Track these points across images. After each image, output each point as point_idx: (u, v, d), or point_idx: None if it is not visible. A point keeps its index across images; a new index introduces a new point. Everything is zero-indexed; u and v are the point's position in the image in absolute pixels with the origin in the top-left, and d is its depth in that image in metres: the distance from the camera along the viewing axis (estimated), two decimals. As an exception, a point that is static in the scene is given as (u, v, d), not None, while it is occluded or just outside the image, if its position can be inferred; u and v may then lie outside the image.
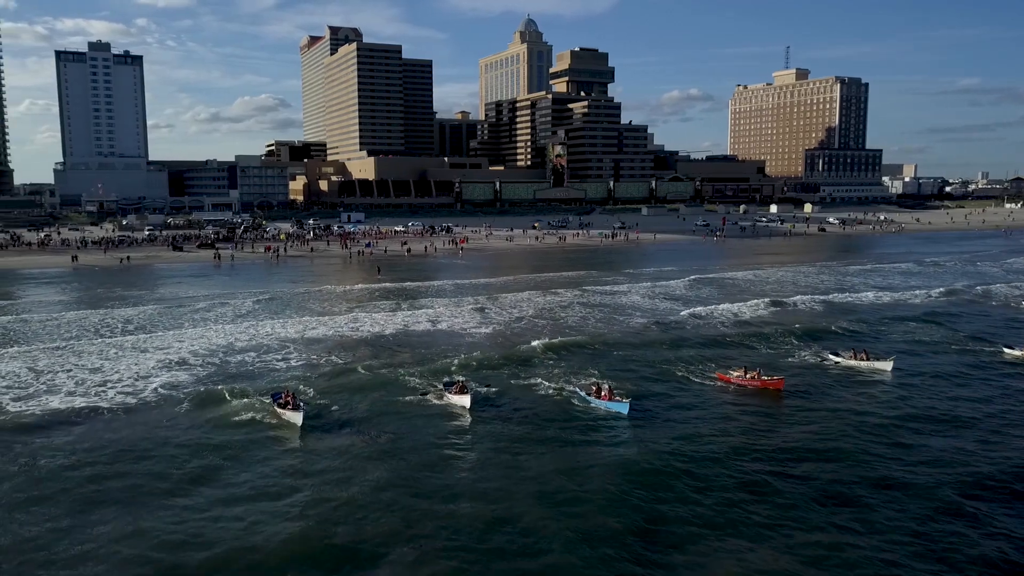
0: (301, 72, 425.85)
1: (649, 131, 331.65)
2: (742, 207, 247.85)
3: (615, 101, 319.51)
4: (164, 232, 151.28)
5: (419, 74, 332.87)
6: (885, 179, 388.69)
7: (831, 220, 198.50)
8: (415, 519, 26.59)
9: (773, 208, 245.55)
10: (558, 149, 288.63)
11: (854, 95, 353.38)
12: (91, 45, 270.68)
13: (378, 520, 26.47)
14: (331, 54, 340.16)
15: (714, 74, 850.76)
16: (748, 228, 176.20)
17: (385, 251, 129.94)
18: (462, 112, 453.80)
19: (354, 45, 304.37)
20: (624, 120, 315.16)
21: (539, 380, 44.39)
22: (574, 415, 38.32)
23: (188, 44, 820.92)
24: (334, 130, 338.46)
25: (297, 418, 35.14)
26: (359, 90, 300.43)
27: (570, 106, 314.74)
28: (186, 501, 28.13)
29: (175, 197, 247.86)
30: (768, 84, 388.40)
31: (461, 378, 42.11)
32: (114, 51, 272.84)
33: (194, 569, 23.38)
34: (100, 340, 56.22)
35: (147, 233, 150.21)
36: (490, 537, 25.40)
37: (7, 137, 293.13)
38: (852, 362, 48.74)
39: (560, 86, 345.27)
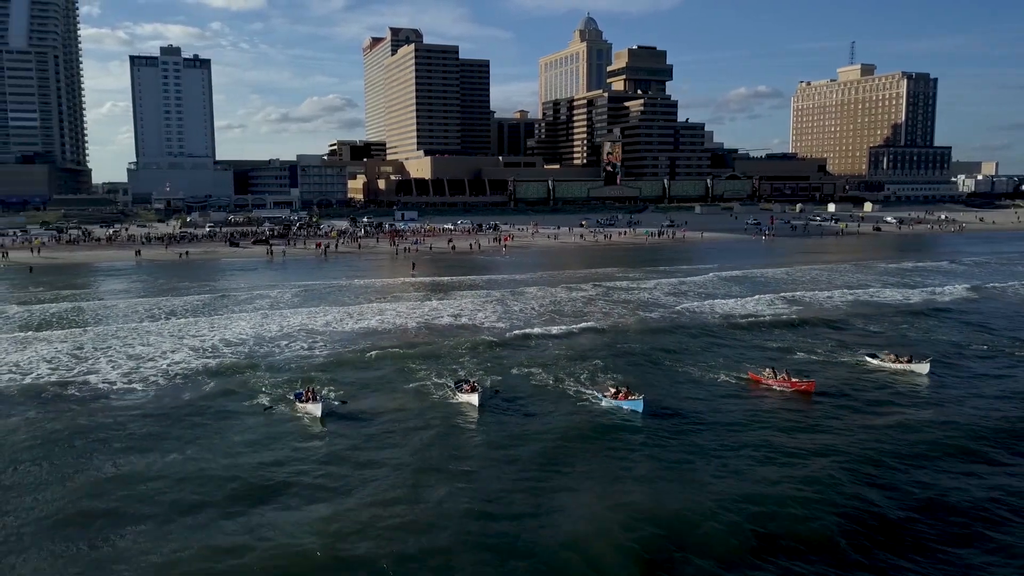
0: (364, 73, 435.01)
1: (710, 128, 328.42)
2: (798, 206, 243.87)
3: (672, 99, 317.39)
4: (223, 229, 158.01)
5: (476, 74, 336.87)
6: (959, 177, 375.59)
7: (888, 219, 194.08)
8: (423, 510, 27.45)
9: (831, 207, 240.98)
10: (613, 147, 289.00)
11: (922, 91, 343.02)
12: (163, 50, 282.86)
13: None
14: (392, 55, 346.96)
15: (783, 70, 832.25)
16: (799, 227, 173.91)
17: (430, 248, 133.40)
18: (520, 111, 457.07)
19: (412, 46, 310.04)
20: (684, 118, 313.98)
21: (550, 377, 44.77)
22: (581, 414, 38.15)
23: (260, 46, 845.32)
24: (393, 130, 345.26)
25: (316, 409, 36.61)
26: (416, 90, 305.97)
27: (626, 104, 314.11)
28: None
29: (239, 195, 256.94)
30: (832, 80, 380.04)
31: (472, 378, 42.47)
32: (184, 55, 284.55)
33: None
34: (144, 325, 60.58)
35: (207, 230, 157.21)
36: (478, 531, 25.96)
37: (86, 138, 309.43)
38: (889, 364, 47.51)
39: (617, 84, 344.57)
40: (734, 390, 43.12)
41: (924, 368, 46.15)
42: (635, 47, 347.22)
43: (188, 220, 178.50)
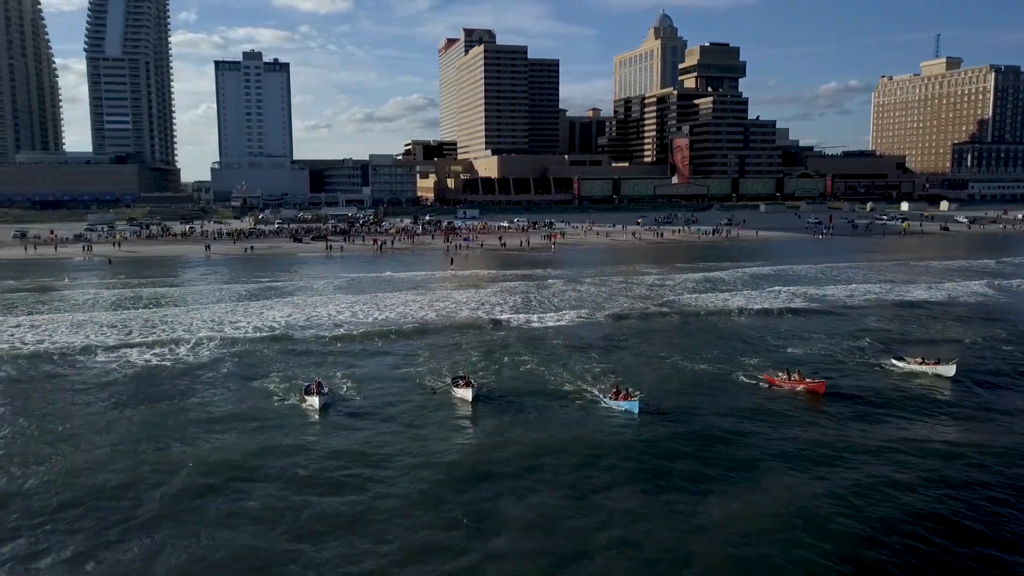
0: (439, 73, 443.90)
1: (798, 125, 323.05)
2: (868, 204, 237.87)
3: (743, 96, 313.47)
4: (291, 225, 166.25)
5: (545, 73, 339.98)
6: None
7: (959, 219, 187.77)
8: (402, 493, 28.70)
9: (904, 206, 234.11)
10: (681, 145, 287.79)
11: (1011, 84, 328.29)
12: (245, 54, 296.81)
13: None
14: (464, 56, 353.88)
15: (870, 64, 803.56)
16: (860, 226, 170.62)
17: (481, 245, 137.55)
18: (593, 109, 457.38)
19: (482, 47, 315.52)
20: (763, 115, 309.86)
21: (551, 372, 45.54)
22: (574, 413, 38.39)
23: (347, 48, 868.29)
24: (464, 129, 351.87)
25: (315, 401, 38.36)
26: (485, 91, 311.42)
27: (696, 102, 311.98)
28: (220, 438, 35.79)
29: (314, 193, 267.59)
30: (915, 75, 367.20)
31: (468, 374, 43.22)
32: (265, 59, 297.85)
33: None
34: (184, 309, 66.54)
35: (276, 226, 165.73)
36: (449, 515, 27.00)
37: (175, 139, 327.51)
38: (914, 367, 45.61)
39: (689, 82, 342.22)
40: (743, 391, 42.38)
41: (950, 371, 44.13)
42: (707, 44, 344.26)
43: (261, 217, 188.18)
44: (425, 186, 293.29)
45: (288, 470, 31.00)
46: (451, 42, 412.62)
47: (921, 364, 45.68)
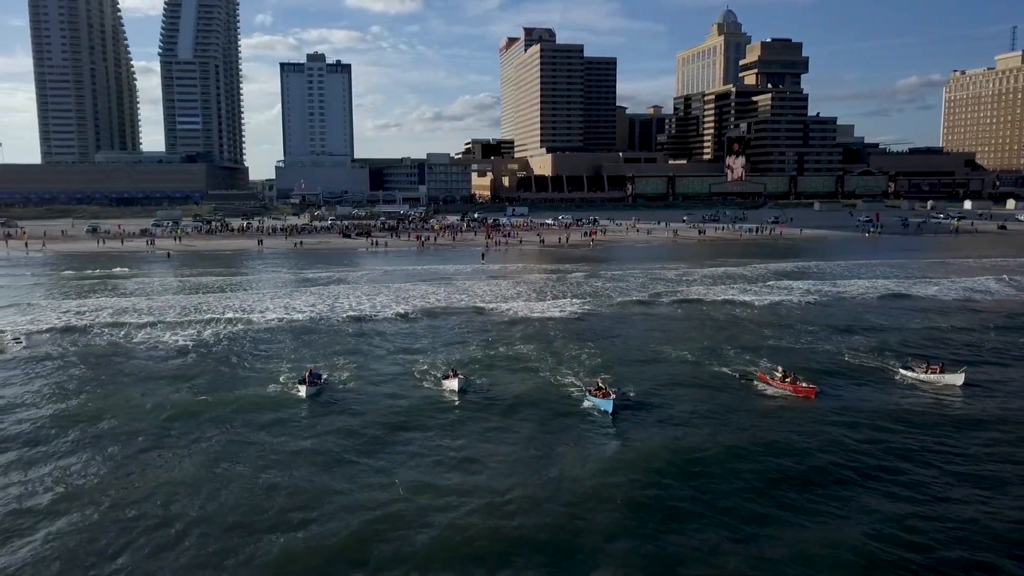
0: (501, 72, 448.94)
1: (862, 122, 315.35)
2: (928, 203, 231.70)
3: (803, 93, 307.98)
4: (343, 222, 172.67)
5: (602, 72, 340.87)
6: None
7: (1021, 217, 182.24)
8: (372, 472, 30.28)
9: (967, 204, 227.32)
10: (737, 143, 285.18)
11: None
12: (309, 56, 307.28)
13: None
14: (523, 55, 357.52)
15: (955, 57, 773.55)
16: (912, 225, 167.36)
17: (520, 242, 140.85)
18: (654, 107, 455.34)
19: (538, 46, 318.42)
20: (818, 111, 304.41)
21: (542, 365, 46.68)
22: (552, 408, 38.58)
23: (418, 47, 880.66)
24: (521, 128, 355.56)
25: (302, 390, 40.13)
26: (541, 89, 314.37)
27: (754, 99, 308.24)
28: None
29: (373, 191, 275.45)
30: (989, 69, 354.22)
31: (457, 367, 44.35)
32: (328, 61, 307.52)
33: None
34: (220, 296, 71.86)
35: (328, 223, 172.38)
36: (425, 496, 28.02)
37: (243, 139, 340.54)
38: (920, 375, 43.30)
39: (749, 78, 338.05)
40: (730, 389, 42.21)
41: (958, 379, 41.74)
42: (768, 40, 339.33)
43: (316, 214, 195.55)
44: (481, 184, 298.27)
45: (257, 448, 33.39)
46: (512, 41, 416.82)
47: (927, 372, 43.31)
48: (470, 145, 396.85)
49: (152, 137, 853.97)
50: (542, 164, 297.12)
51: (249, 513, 26.79)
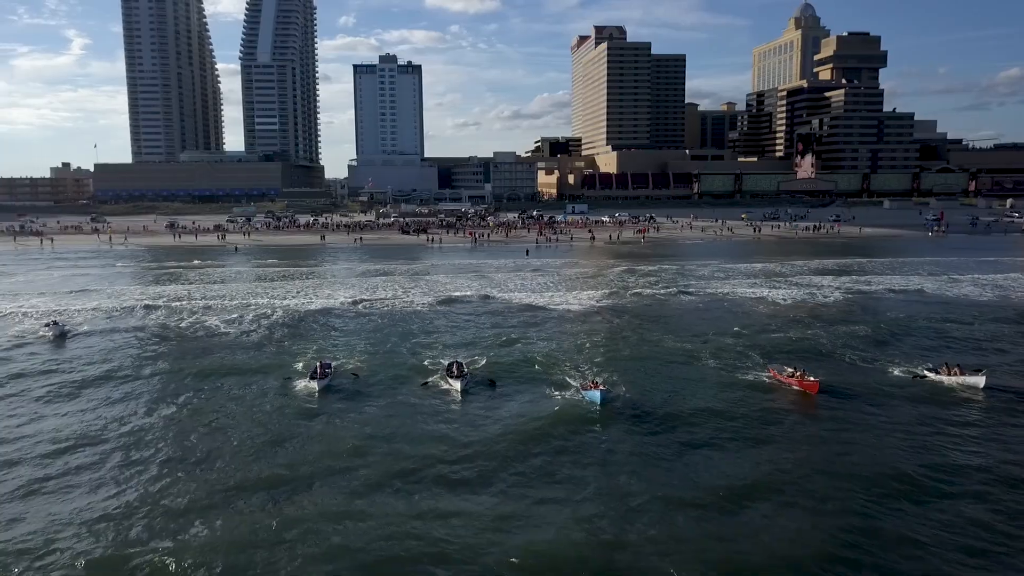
0: (572, 71, 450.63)
1: (955, 116, 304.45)
2: (1008, 201, 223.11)
3: (879, 88, 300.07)
4: (405, 219, 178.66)
5: (671, 69, 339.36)
6: None
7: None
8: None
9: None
10: (808, 140, 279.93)
11: None
12: (381, 58, 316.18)
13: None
14: (592, 53, 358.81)
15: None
16: (981, 224, 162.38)
17: (571, 239, 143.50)
18: (728, 103, 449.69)
19: (605, 44, 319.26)
20: (894, 107, 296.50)
21: (549, 360, 46.64)
22: (549, 404, 38.33)
23: (497, 46, 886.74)
24: (588, 126, 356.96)
25: (314, 385, 40.69)
26: (608, 87, 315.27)
27: (827, 95, 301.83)
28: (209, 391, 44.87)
29: (440, 189, 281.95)
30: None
31: (459, 363, 43.88)
32: (399, 62, 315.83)
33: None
34: (266, 285, 77.32)
35: (391, 220, 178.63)
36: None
37: (319, 139, 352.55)
38: (943, 377, 41.18)
39: (824, 73, 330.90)
40: (732, 385, 41.53)
41: (979, 382, 39.46)
42: (845, 34, 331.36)
43: (381, 211, 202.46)
44: (548, 182, 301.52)
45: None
46: (583, 39, 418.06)
47: (948, 374, 41.23)
48: (539, 143, 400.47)
49: (234, 137, 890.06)
50: (607, 161, 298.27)
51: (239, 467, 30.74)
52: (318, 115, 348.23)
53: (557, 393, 39.90)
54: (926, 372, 42.78)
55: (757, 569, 22.93)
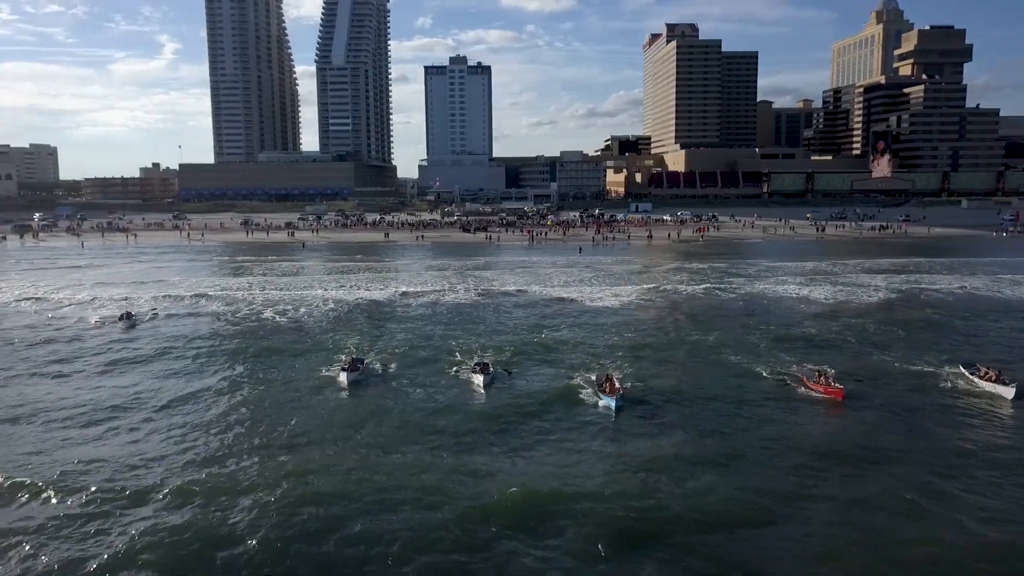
0: (644, 69, 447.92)
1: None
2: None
3: (961, 84, 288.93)
4: (467, 218, 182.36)
5: (742, 66, 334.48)
6: None
7: None
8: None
9: None
10: (884, 137, 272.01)
11: None
12: (451, 59, 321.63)
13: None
14: (662, 51, 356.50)
15: None
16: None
17: (628, 237, 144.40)
18: (804, 100, 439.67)
19: (674, 43, 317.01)
20: (978, 103, 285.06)
21: (577, 359, 46.63)
22: (566, 404, 38.08)
23: (573, 44, 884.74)
24: (658, 125, 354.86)
25: (343, 378, 41.97)
26: (677, 86, 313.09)
27: (906, 91, 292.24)
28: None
29: (508, 188, 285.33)
30: None
31: (488, 360, 44.79)
32: (469, 63, 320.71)
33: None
34: (324, 278, 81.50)
35: (454, 219, 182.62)
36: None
37: (391, 139, 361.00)
38: (977, 380, 39.66)
39: (905, 69, 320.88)
40: (753, 388, 40.76)
41: (1008, 392, 37.54)
42: (927, 28, 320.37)
43: (446, 210, 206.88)
44: (616, 181, 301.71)
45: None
46: (654, 38, 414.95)
47: (982, 378, 39.48)
48: (609, 141, 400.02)
49: (312, 137, 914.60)
50: (676, 160, 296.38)
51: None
52: (391, 116, 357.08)
53: (574, 393, 39.70)
54: (962, 373, 41.10)
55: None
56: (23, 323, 61.54)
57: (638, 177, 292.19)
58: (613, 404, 36.31)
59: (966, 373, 41.07)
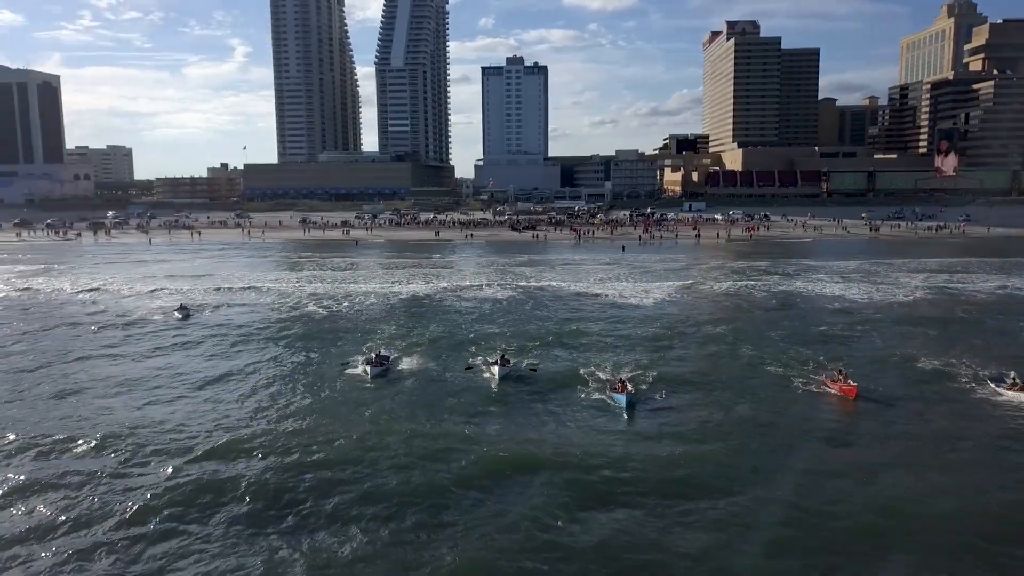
0: (703, 67, 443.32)
1: None
2: None
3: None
4: (517, 217, 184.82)
5: (803, 64, 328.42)
6: None
7: None
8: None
9: None
10: (950, 135, 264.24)
11: None
12: (508, 60, 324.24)
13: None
14: (721, 49, 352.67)
15: None
16: None
17: (676, 236, 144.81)
18: (870, 97, 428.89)
19: (732, 41, 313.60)
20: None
21: (597, 357, 46.81)
22: (578, 402, 38.37)
23: (636, 42, 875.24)
24: (715, 123, 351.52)
25: (367, 372, 43.49)
26: (734, 84, 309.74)
27: (975, 87, 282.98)
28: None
29: (562, 188, 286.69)
30: None
31: (506, 355, 44.99)
32: (526, 64, 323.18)
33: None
34: (366, 274, 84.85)
35: (505, 218, 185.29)
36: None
37: (449, 139, 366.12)
38: (1002, 390, 37.99)
39: (975, 64, 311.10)
40: (766, 386, 40.69)
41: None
42: (999, 21, 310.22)
43: (498, 209, 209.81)
44: (673, 179, 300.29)
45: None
46: (714, 35, 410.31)
47: (1011, 388, 37.77)
48: (667, 140, 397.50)
49: (373, 138, 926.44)
50: (733, 159, 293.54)
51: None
52: (449, 116, 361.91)
53: (588, 390, 40.23)
54: (993, 381, 39.47)
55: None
56: (88, 311, 66.57)
57: (694, 176, 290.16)
58: (624, 400, 36.91)
59: (994, 384, 39.21)
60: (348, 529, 25.12)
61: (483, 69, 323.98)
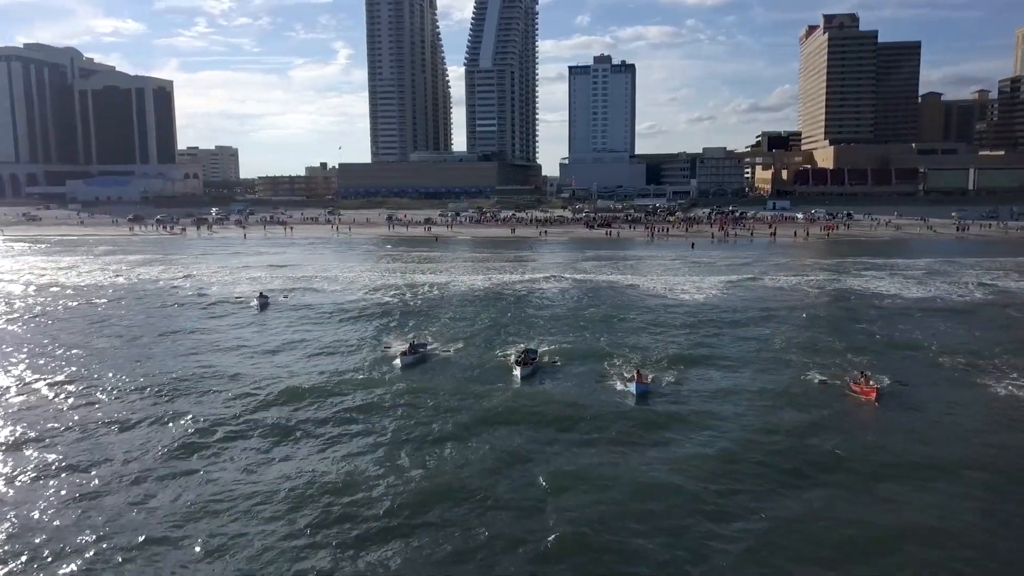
0: (799, 62, 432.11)
1: None
2: None
3: None
4: (592, 214, 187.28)
5: (902, 57, 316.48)
6: None
7: None
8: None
9: None
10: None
11: None
12: (595, 59, 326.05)
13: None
14: (814, 44, 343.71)
15: None
16: None
17: (751, 234, 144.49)
18: (980, 91, 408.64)
19: (826, 35, 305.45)
20: None
21: (628, 351, 47.32)
22: (595, 395, 39.06)
23: (737, 37, 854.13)
24: (808, 120, 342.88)
25: (398, 361, 45.91)
26: (827, 79, 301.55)
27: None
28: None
29: (647, 186, 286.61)
30: None
31: (530, 350, 46.30)
32: (613, 62, 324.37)
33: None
34: (435, 268, 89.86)
35: (583, 215, 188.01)
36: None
37: (536, 138, 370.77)
38: None
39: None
40: (788, 383, 40.58)
41: None
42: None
43: (577, 207, 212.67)
44: (763, 177, 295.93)
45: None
46: (811, 29, 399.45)
47: None
48: (759, 137, 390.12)
49: (463, 137, 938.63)
50: (824, 156, 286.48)
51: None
52: (536, 115, 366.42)
53: (606, 382, 41.46)
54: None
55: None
56: (180, 295, 74.29)
57: (784, 174, 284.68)
58: (635, 389, 38.25)
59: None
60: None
61: (570, 68, 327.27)
